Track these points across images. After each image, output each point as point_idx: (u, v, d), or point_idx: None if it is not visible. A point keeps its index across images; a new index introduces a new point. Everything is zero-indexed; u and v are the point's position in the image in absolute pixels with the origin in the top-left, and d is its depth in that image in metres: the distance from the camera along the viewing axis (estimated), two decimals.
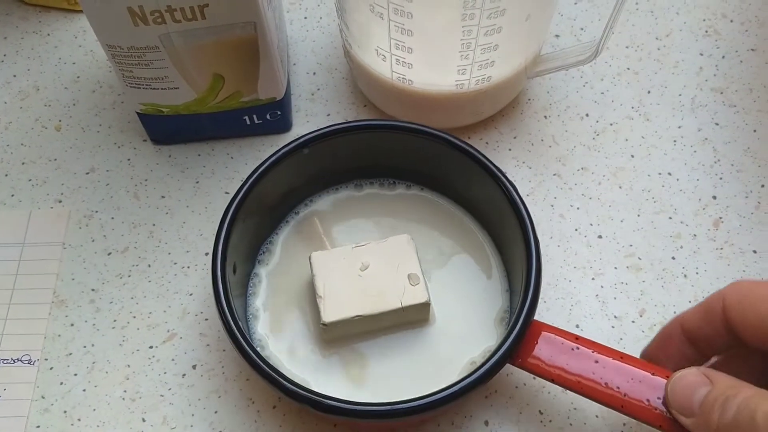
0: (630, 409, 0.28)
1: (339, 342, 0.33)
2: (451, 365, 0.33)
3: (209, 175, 0.39)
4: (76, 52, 0.44)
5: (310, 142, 0.34)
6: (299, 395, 0.28)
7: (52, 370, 0.34)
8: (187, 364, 0.34)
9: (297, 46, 0.44)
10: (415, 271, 0.33)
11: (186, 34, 0.33)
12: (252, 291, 0.35)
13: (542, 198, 0.38)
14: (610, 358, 0.29)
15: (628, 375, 0.28)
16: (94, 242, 0.38)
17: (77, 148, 0.40)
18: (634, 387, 0.28)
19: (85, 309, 0.36)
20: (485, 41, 0.33)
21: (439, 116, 0.38)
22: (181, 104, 0.37)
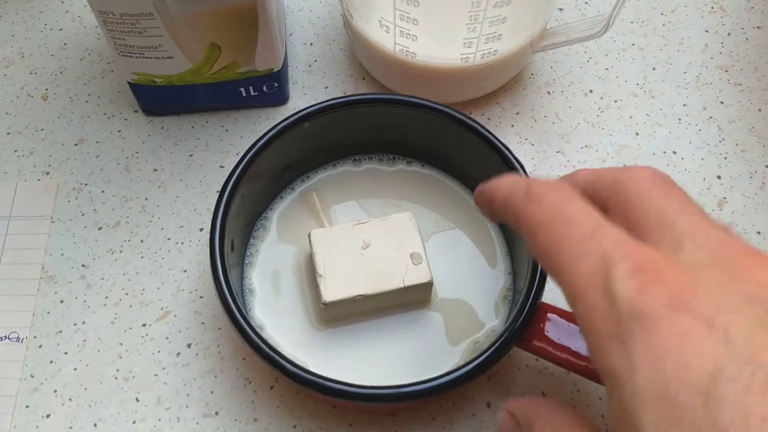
0: None
1: (339, 321, 0.32)
2: (454, 346, 0.32)
3: (203, 148, 0.38)
4: (63, 18, 0.42)
5: (311, 116, 0.33)
6: (301, 378, 0.27)
7: (42, 348, 0.33)
8: (181, 343, 0.33)
9: (294, 16, 0.42)
10: (417, 250, 0.32)
11: (182, 0, 0.31)
12: (249, 261, 0.34)
13: (545, 176, 0.38)
14: None
15: None
16: (84, 216, 0.36)
17: (65, 118, 0.39)
18: None
19: (76, 285, 0.35)
20: (494, 14, 0.31)
21: (442, 90, 0.37)
22: (175, 74, 0.35)
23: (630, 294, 0.18)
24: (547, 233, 0.21)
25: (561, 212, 0.21)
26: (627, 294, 0.18)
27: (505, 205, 0.23)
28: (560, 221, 0.21)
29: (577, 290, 0.20)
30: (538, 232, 0.21)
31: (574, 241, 0.20)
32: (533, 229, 0.22)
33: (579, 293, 0.20)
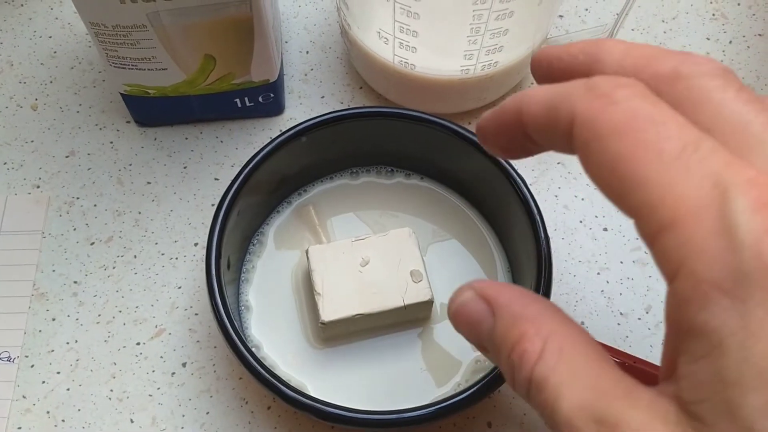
0: None
1: (338, 341, 0.32)
2: (455, 365, 0.31)
3: (198, 160, 0.37)
4: (53, 25, 0.41)
5: (309, 130, 0.32)
6: (299, 402, 0.27)
7: (34, 368, 0.32)
8: (176, 362, 0.33)
9: (289, 23, 0.41)
10: (417, 267, 0.31)
11: (176, 12, 0.30)
12: (245, 277, 0.33)
13: (546, 188, 0.37)
14: (622, 360, 0.28)
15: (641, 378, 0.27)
16: (76, 231, 0.35)
17: (55, 130, 0.38)
18: None
19: (68, 303, 0.34)
20: (495, 26, 0.31)
21: (440, 101, 0.37)
22: (169, 86, 0.35)
23: (759, 237, 0.15)
24: (625, 141, 0.16)
25: (644, 115, 0.17)
26: (755, 236, 0.15)
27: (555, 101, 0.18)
28: (645, 127, 0.16)
29: (674, 217, 0.16)
30: (609, 138, 0.17)
31: (670, 154, 0.16)
32: (602, 134, 0.17)
33: (676, 221, 0.16)
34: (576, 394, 0.17)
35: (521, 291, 0.20)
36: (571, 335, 0.18)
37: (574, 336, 0.18)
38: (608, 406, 0.16)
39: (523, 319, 0.19)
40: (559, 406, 0.17)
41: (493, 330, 0.19)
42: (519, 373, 0.18)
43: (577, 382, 0.17)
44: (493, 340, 0.19)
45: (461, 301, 0.21)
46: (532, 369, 0.18)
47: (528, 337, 0.18)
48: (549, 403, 0.17)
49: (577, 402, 0.17)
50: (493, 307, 0.20)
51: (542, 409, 0.18)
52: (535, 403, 0.18)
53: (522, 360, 0.18)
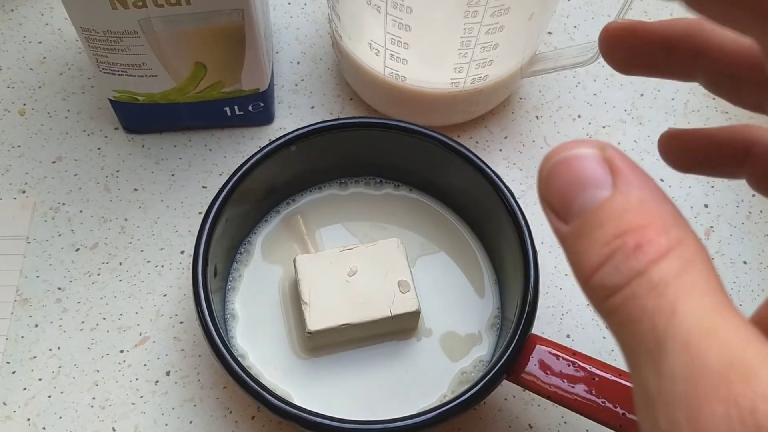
0: (630, 428, 0.27)
1: (324, 350, 0.32)
2: (441, 376, 0.31)
3: (185, 168, 0.37)
4: (43, 31, 0.41)
5: (298, 139, 0.32)
6: (284, 411, 0.27)
7: (15, 374, 0.32)
8: (160, 370, 0.32)
9: (280, 34, 0.42)
10: (405, 277, 0.31)
11: (168, 19, 0.30)
12: (231, 286, 0.33)
13: (533, 201, 0.37)
14: (608, 374, 0.28)
15: (627, 392, 0.27)
16: (61, 237, 0.35)
17: (43, 135, 0.38)
18: (633, 406, 0.27)
19: (51, 309, 0.33)
20: (486, 40, 0.31)
21: (430, 114, 0.37)
22: (159, 93, 0.35)
23: None
24: None
25: None
26: None
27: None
28: None
29: None
30: None
31: None
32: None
33: None
34: (705, 316, 0.13)
35: (655, 183, 0.15)
36: (703, 255, 0.14)
37: (705, 257, 0.14)
38: (745, 350, 0.13)
39: (653, 210, 0.15)
40: (677, 321, 0.13)
41: (605, 202, 0.15)
42: (626, 260, 0.14)
43: (706, 304, 0.14)
44: (596, 213, 0.15)
45: (577, 152, 0.16)
46: (650, 265, 0.14)
47: (653, 230, 0.14)
48: (662, 311, 0.14)
49: (705, 325, 0.13)
50: (618, 180, 0.15)
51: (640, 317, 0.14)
52: (630, 307, 0.14)
53: (638, 249, 0.14)
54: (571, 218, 0.16)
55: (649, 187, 0.15)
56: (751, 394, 0.12)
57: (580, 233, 0.15)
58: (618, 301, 0.14)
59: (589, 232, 0.15)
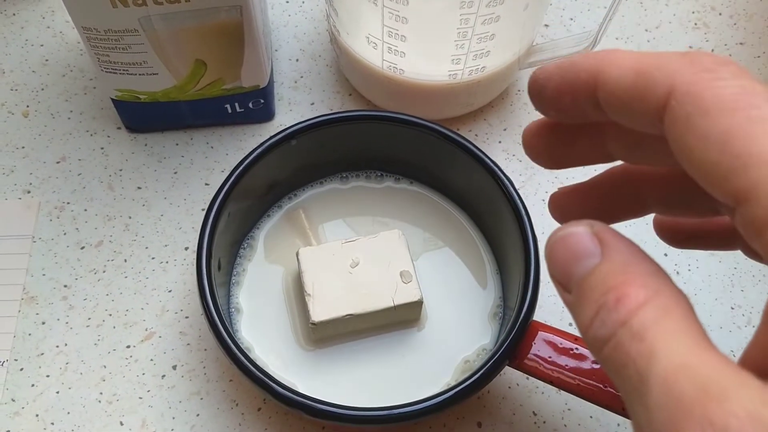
0: None
1: (328, 341, 0.32)
2: (444, 365, 0.32)
3: (188, 165, 0.38)
4: (44, 34, 0.42)
5: (299, 133, 0.32)
6: (290, 399, 0.27)
7: (23, 371, 0.32)
8: (166, 365, 0.33)
9: (279, 32, 0.42)
10: (407, 268, 0.31)
11: (168, 17, 0.31)
12: (235, 280, 0.33)
13: (533, 192, 0.37)
14: None
15: None
16: (66, 235, 0.36)
17: (47, 136, 0.38)
18: None
19: (57, 306, 0.34)
20: (482, 30, 0.31)
21: (429, 107, 0.37)
22: (160, 91, 0.35)
23: None
24: (738, 116, 0.15)
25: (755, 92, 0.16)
26: None
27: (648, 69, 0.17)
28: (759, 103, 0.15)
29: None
30: (719, 114, 0.15)
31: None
32: (709, 109, 0.16)
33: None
34: (679, 353, 0.15)
35: (638, 248, 0.18)
36: (681, 302, 0.16)
37: (683, 304, 0.16)
38: (716, 377, 0.14)
39: (633, 270, 0.17)
40: (656, 361, 0.15)
41: (594, 270, 0.17)
42: (608, 314, 0.16)
43: (681, 343, 0.15)
44: (588, 278, 0.17)
45: (572, 231, 0.19)
46: (630, 315, 0.16)
47: (633, 285, 0.16)
48: (643, 355, 0.15)
49: (679, 361, 0.15)
50: (605, 249, 0.18)
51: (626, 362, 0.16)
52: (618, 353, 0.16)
53: (619, 302, 0.16)
54: (572, 288, 0.18)
55: (632, 251, 0.18)
56: (724, 413, 0.14)
57: (579, 299, 0.18)
58: (608, 350, 0.16)
59: (584, 296, 0.17)
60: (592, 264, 0.18)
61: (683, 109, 0.16)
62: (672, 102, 0.16)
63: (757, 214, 0.15)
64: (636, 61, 0.17)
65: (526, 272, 0.30)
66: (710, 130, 0.16)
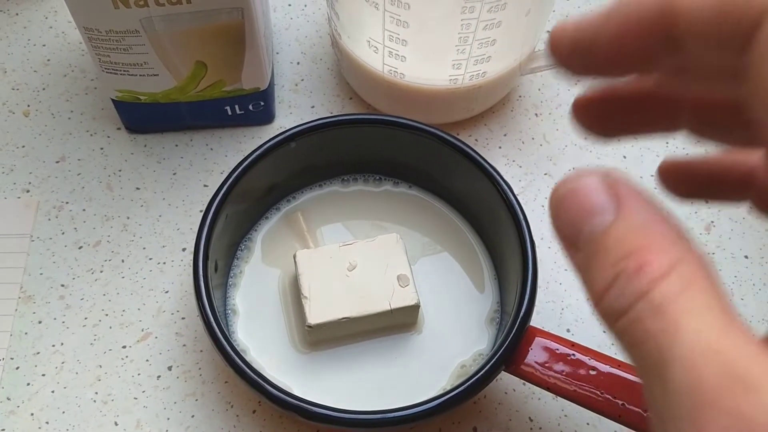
0: (629, 418, 0.27)
1: (324, 344, 0.32)
2: (440, 370, 0.32)
3: (187, 167, 0.38)
4: (47, 34, 0.42)
5: (297, 136, 0.32)
6: (285, 402, 0.27)
7: (19, 369, 0.32)
8: (162, 365, 0.33)
9: (280, 35, 0.42)
10: (404, 272, 0.31)
11: (169, 18, 0.31)
12: (232, 282, 0.33)
13: (533, 198, 0.37)
14: (607, 365, 0.28)
15: (626, 383, 0.28)
16: (64, 235, 0.36)
17: (47, 135, 0.38)
18: (632, 396, 0.27)
19: (54, 305, 0.34)
20: (483, 36, 0.31)
21: (429, 111, 0.37)
22: (160, 92, 0.35)
23: None
24: None
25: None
26: None
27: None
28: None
29: None
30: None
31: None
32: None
33: None
34: (705, 334, 0.14)
35: (658, 206, 0.16)
36: (708, 271, 0.15)
37: (708, 274, 0.15)
38: (748, 365, 0.13)
39: (654, 232, 0.15)
40: (679, 341, 0.14)
41: (610, 228, 0.16)
42: (627, 283, 0.15)
43: (706, 321, 0.14)
44: (603, 238, 0.16)
45: (582, 183, 0.16)
46: (652, 285, 0.14)
47: (655, 251, 0.15)
48: (664, 332, 0.14)
49: (705, 344, 0.14)
50: (622, 206, 0.16)
51: (644, 338, 0.14)
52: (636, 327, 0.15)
53: (641, 270, 0.15)
54: (581, 245, 0.16)
55: (652, 210, 0.16)
56: (755, 405, 0.13)
57: (590, 259, 0.16)
58: (625, 324, 0.15)
59: (597, 258, 0.15)
60: (607, 221, 0.16)
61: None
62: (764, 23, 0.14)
63: None
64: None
65: (523, 278, 0.29)
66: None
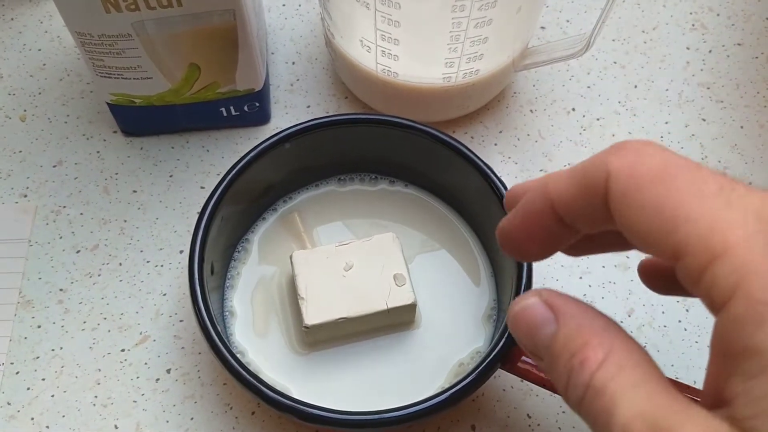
0: None
1: (322, 345, 0.32)
2: (438, 368, 0.32)
3: (183, 169, 0.38)
4: (42, 38, 0.42)
5: (292, 137, 0.32)
6: (281, 404, 0.27)
7: (19, 374, 0.33)
8: (161, 368, 0.33)
9: (275, 35, 0.42)
10: (400, 271, 0.31)
11: (161, 21, 0.31)
12: (230, 284, 0.33)
13: None
14: None
15: None
16: (62, 239, 0.36)
17: (43, 140, 0.38)
18: None
19: (53, 310, 0.34)
20: (475, 33, 0.31)
21: (424, 110, 0.37)
22: (155, 95, 0.35)
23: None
24: (667, 184, 0.18)
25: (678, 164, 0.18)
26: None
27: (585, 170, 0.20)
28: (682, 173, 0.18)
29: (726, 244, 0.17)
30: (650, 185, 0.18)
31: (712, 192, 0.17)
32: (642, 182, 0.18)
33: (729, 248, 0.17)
34: (634, 403, 0.17)
35: (586, 306, 0.20)
36: (633, 352, 0.19)
37: (635, 353, 0.19)
38: (665, 417, 0.17)
39: (587, 331, 0.19)
40: (616, 413, 0.17)
41: (555, 336, 0.20)
42: (577, 377, 0.19)
43: (635, 393, 0.18)
44: (553, 346, 0.20)
45: (526, 304, 0.21)
46: (592, 375, 0.18)
47: (591, 346, 0.19)
48: (606, 409, 0.18)
49: (635, 410, 0.17)
50: (558, 316, 0.20)
51: (596, 416, 0.18)
52: (589, 409, 0.18)
53: (583, 366, 0.19)
54: (541, 355, 0.20)
55: (582, 310, 0.20)
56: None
57: (550, 365, 0.20)
58: (582, 409, 0.19)
59: (555, 363, 0.20)
60: (551, 330, 0.20)
61: (620, 187, 0.18)
62: (611, 185, 0.19)
63: (691, 265, 0.17)
64: (572, 169, 0.20)
65: (518, 274, 0.29)
66: (645, 200, 0.18)
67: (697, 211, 0.17)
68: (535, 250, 0.23)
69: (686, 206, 0.17)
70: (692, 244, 0.17)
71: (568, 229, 0.21)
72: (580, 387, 0.19)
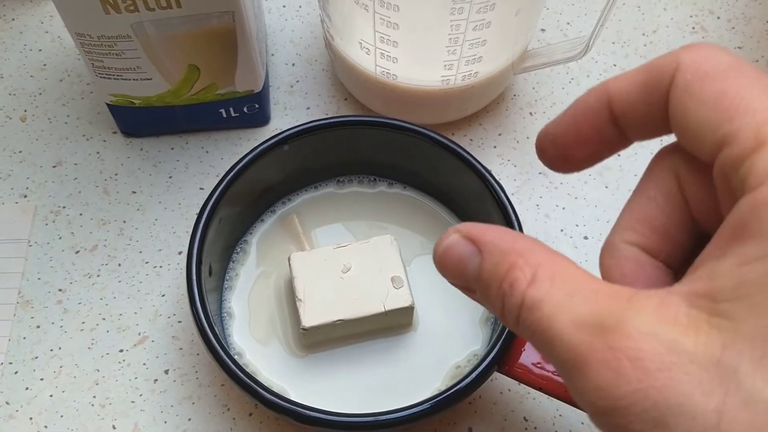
0: None
1: (319, 347, 0.32)
2: (435, 370, 0.32)
3: (183, 170, 0.38)
4: (43, 39, 0.42)
5: (290, 138, 0.32)
6: (279, 406, 0.27)
7: (17, 374, 0.33)
8: (159, 369, 0.33)
9: (275, 36, 0.42)
10: (398, 273, 0.32)
11: (160, 23, 0.31)
12: (228, 285, 0.33)
13: (528, 197, 0.37)
14: None
15: None
16: (62, 239, 0.36)
17: (43, 140, 0.39)
18: None
19: (52, 310, 0.34)
20: (473, 36, 0.31)
21: (423, 112, 0.37)
22: (154, 96, 0.35)
23: None
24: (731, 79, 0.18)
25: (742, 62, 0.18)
26: None
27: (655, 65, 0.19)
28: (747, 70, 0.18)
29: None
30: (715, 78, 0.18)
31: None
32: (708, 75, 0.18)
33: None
34: (573, 311, 0.17)
35: (506, 229, 0.20)
36: (561, 263, 0.18)
37: (563, 264, 0.18)
38: (609, 313, 0.16)
39: (511, 253, 0.19)
40: (554, 325, 0.17)
41: (481, 267, 0.19)
42: (509, 300, 0.18)
43: (572, 301, 0.17)
44: (481, 277, 0.19)
45: (447, 243, 0.20)
46: (524, 293, 0.18)
47: (518, 267, 0.18)
48: (543, 323, 0.17)
49: (574, 317, 0.17)
50: (480, 246, 0.19)
51: (535, 333, 0.18)
52: (528, 327, 0.18)
53: (513, 287, 0.18)
54: (473, 288, 0.20)
55: (502, 236, 0.19)
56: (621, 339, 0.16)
57: (484, 296, 0.20)
58: (521, 329, 0.18)
59: (487, 293, 0.19)
60: (477, 263, 0.19)
61: (686, 77, 0.18)
62: (677, 75, 0.18)
63: (736, 151, 0.17)
64: (635, 68, 0.20)
65: None
66: (706, 93, 0.18)
67: (757, 103, 0.17)
68: (578, 155, 0.21)
69: (747, 99, 0.17)
70: (744, 130, 0.17)
71: (617, 136, 0.20)
72: (515, 308, 0.18)
